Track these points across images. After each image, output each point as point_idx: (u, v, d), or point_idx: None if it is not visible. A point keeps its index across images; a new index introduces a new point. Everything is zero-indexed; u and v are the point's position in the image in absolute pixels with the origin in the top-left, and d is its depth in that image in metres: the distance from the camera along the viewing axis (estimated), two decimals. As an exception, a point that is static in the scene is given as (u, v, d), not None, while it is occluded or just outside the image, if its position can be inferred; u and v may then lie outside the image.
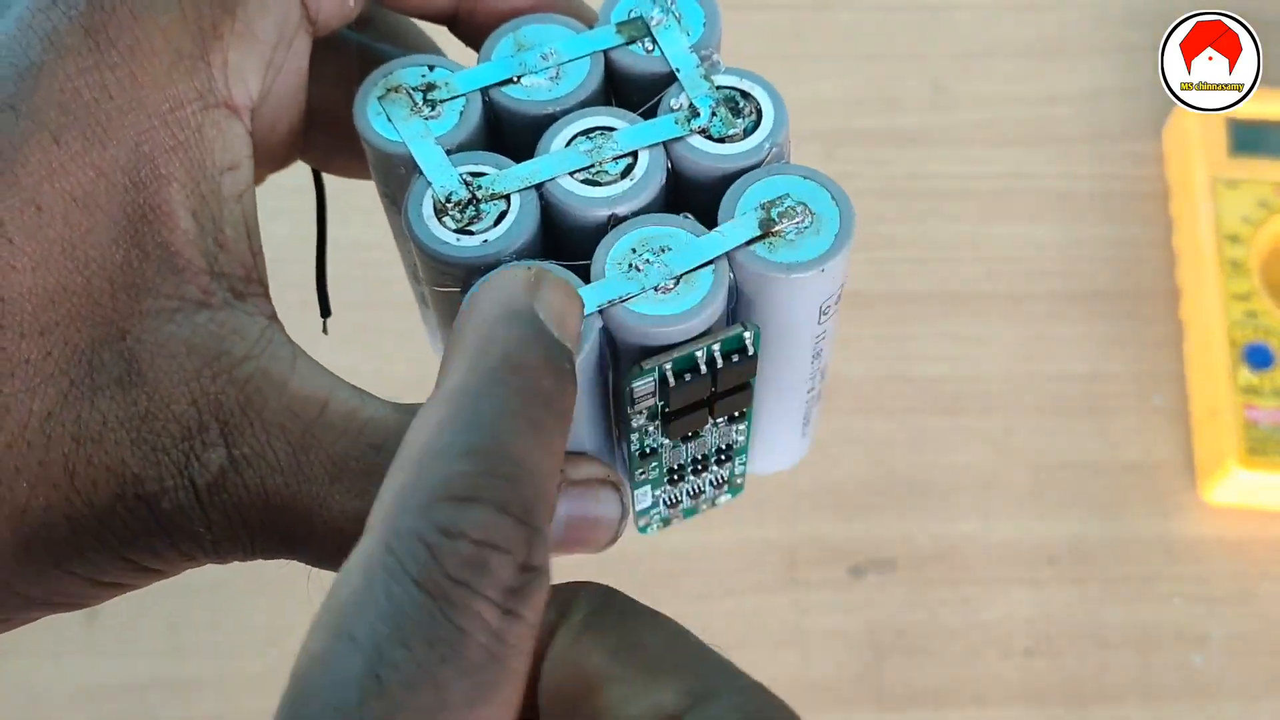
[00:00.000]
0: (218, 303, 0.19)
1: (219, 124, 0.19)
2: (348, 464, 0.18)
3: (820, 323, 0.21)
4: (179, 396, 0.18)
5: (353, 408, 0.19)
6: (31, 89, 0.17)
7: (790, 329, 0.20)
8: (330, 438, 0.18)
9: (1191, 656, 0.38)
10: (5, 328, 0.17)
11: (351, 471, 0.18)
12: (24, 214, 0.17)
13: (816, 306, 0.20)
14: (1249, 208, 0.44)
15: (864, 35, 0.50)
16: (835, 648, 0.38)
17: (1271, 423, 0.40)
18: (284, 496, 0.18)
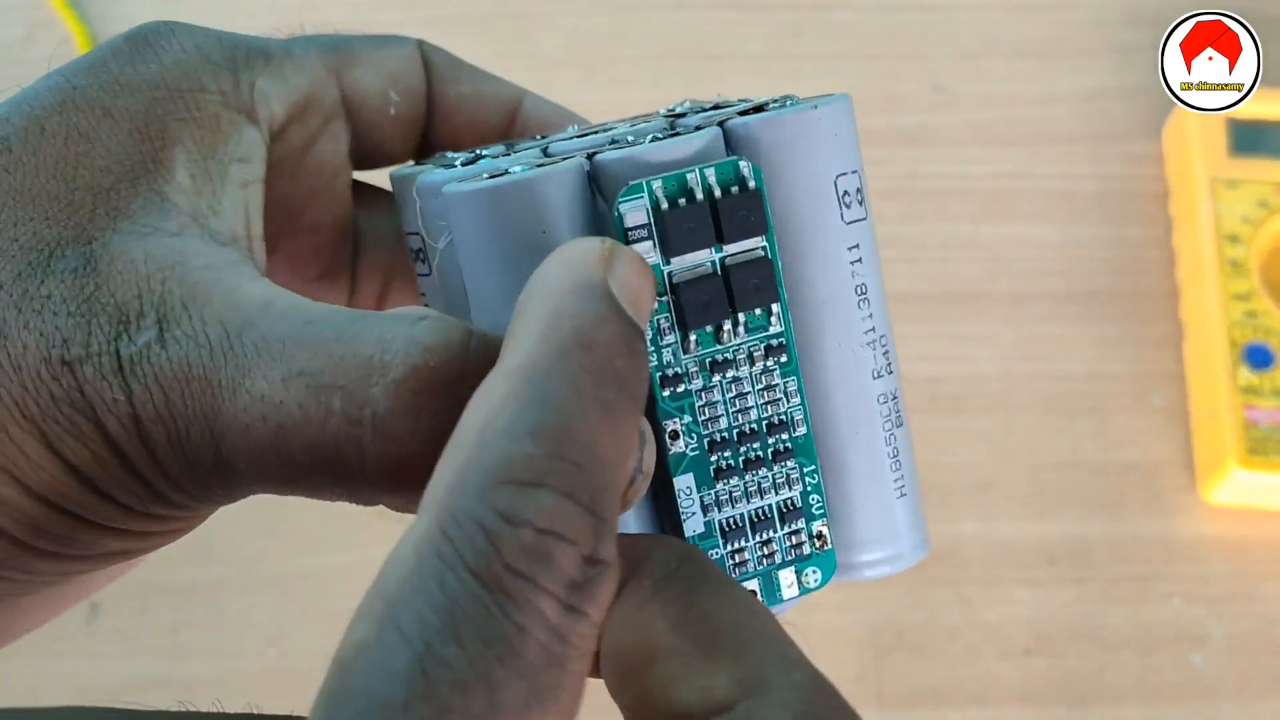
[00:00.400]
0: (192, 234, 0.19)
1: (235, 121, 0.21)
2: (278, 340, 0.17)
3: (845, 220, 0.19)
4: (126, 288, 0.18)
5: (304, 302, 0.18)
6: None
7: (807, 220, 0.19)
8: (268, 321, 0.18)
9: (1191, 656, 0.38)
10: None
11: (278, 346, 0.17)
12: (29, 133, 0.19)
13: (831, 181, 0.19)
14: (1249, 208, 0.44)
15: (864, 35, 0.50)
16: (835, 647, 0.38)
17: (1271, 423, 0.40)
18: (206, 372, 0.17)
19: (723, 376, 0.19)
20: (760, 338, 0.19)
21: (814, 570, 0.20)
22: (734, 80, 0.49)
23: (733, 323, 0.19)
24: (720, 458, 0.19)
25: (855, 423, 0.20)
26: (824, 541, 0.20)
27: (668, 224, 0.18)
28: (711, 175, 0.18)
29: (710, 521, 0.19)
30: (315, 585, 0.39)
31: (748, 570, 0.20)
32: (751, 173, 0.19)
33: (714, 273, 0.18)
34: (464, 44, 0.51)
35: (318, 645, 0.38)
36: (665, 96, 0.49)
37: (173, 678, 0.37)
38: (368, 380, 0.17)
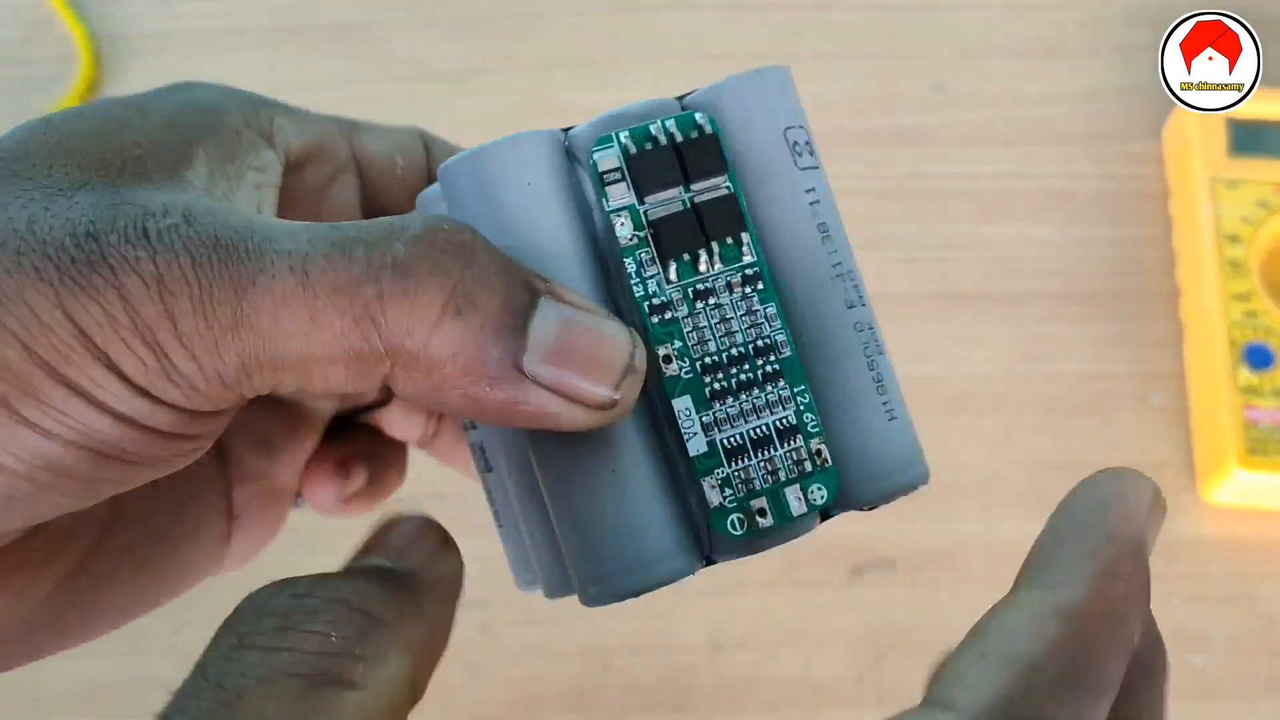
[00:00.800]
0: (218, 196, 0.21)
1: (255, 140, 0.22)
2: (306, 223, 0.19)
3: (799, 166, 0.22)
4: (153, 201, 0.19)
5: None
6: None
7: (764, 167, 0.21)
8: (294, 212, 0.20)
9: (1191, 657, 0.38)
10: (32, 162, 0.20)
11: (309, 226, 0.19)
12: (68, 115, 0.21)
13: (781, 132, 0.22)
14: (1248, 208, 0.44)
15: (864, 35, 0.50)
16: (836, 647, 0.38)
17: (1271, 423, 0.40)
18: (234, 239, 0.18)
19: (705, 304, 0.21)
20: (735, 267, 0.21)
21: (818, 487, 0.21)
22: (734, 80, 0.49)
23: (708, 253, 0.21)
24: (714, 380, 0.21)
25: (835, 351, 0.22)
26: (824, 459, 0.21)
27: (637, 165, 0.20)
28: (672, 125, 0.21)
29: (712, 441, 0.20)
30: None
31: (755, 489, 0.21)
32: (707, 121, 0.21)
33: (685, 208, 0.21)
34: (464, 44, 0.51)
35: (318, 645, 0.38)
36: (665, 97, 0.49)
37: (173, 678, 0.37)
38: (389, 237, 0.18)
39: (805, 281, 0.22)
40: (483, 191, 0.20)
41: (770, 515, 0.21)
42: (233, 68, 0.49)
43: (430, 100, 0.48)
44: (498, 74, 0.49)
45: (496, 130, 0.46)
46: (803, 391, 0.21)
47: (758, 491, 0.21)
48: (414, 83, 0.49)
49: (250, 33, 0.50)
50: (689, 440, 0.20)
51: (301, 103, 0.51)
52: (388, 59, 0.49)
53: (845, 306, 0.22)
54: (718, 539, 0.21)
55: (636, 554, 0.20)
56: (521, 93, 0.49)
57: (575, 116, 0.51)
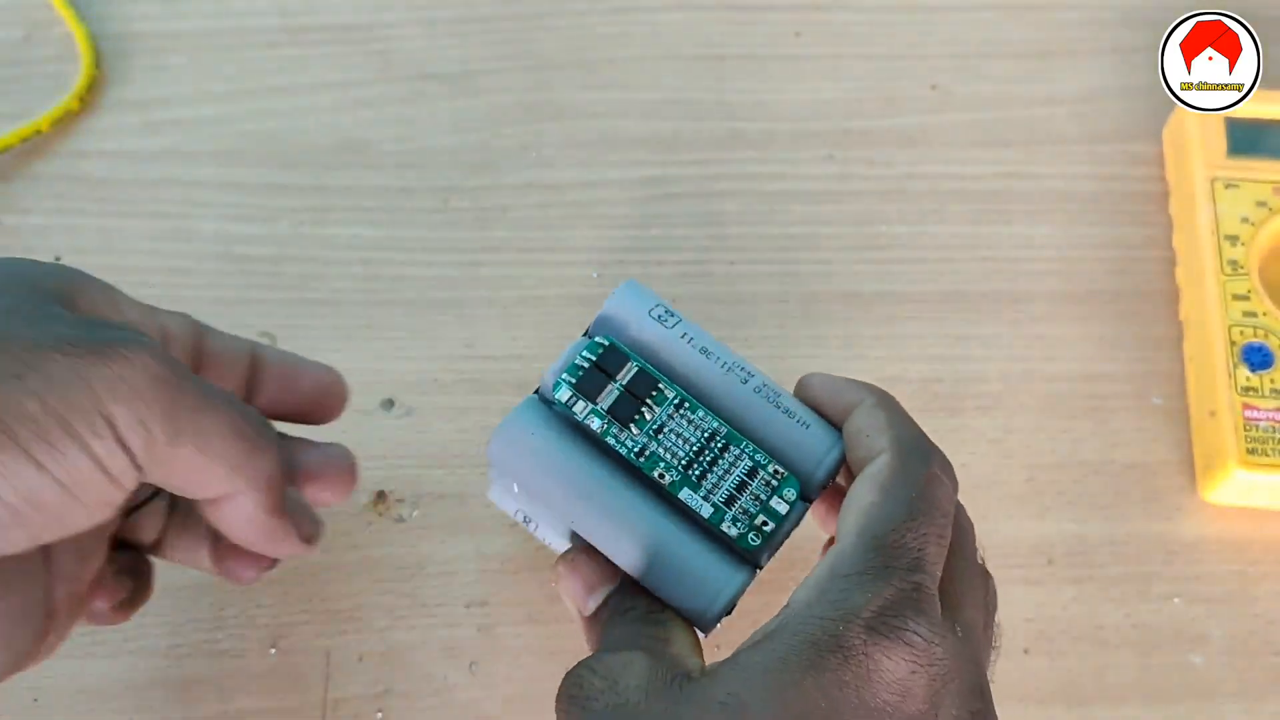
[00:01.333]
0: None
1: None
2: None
3: (667, 327, 0.34)
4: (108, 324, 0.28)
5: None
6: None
7: (653, 340, 0.34)
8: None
9: (1191, 656, 0.38)
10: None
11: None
12: None
13: (647, 316, 0.34)
14: (1248, 208, 0.44)
15: (864, 35, 0.51)
16: (835, 647, 0.38)
17: (1271, 423, 0.40)
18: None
19: (663, 434, 0.32)
20: (668, 405, 0.33)
21: (787, 490, 0.32)
22: (734, 80, 0.49)
23: (647, 408, 0.32)
24: (692, 470, 0.32)
25: (752, 411, 0.33)
26: (781, 473, 0.32)
27: (580, 387, 0.32)
28: (587, 351, 0.33)
29: (713, 503, 0.32)
30: (314, 585, 0.39)
31: (751, 513, 0.32)
32: (604, 338, 0.33)
33: (621, 392, 0.32)
34: (464, 44, 0.51)
35: (317, 645, 0.38)
36: (665, 98, 0.50)
37: (173, 678, 0.37)
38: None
39: (711, 385, 0.33)
40: (516, 452, 0.32)
41: (770, 522, 0.32)
42: (234, 68, 0.49)
43: (430, 100, 0.48)
44: (498, 74, 0.49)
45: (496, 129, 0.46)
46: (747, 445, 0.32)
47: (754, 513, 0.32)
48: (414, 83, 0.49)
49: (251, 33, 0.50)
50: (700, 510, 0.32)
51: (302, 102, 0.51)
52: (388, 59, 0.49)
53: (741, 384, 0.33)
54: (747, 552, 0.32)
55: (715, 583, 0.32)
56: (521, 93, 0.49)
57: (575, 116, 0.51)
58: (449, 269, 0.45)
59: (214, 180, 0.46)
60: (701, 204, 0.46)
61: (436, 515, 0.40)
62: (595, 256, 0.45)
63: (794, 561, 0.40)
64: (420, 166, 0.47)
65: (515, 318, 0.44)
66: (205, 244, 0.45)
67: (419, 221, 0.46)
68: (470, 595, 0.39)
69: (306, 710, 0.37)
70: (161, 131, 0.47)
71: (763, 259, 0.45)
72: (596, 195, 0.47)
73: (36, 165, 0.47)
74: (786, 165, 0.47)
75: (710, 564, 0.32)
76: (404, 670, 0.38)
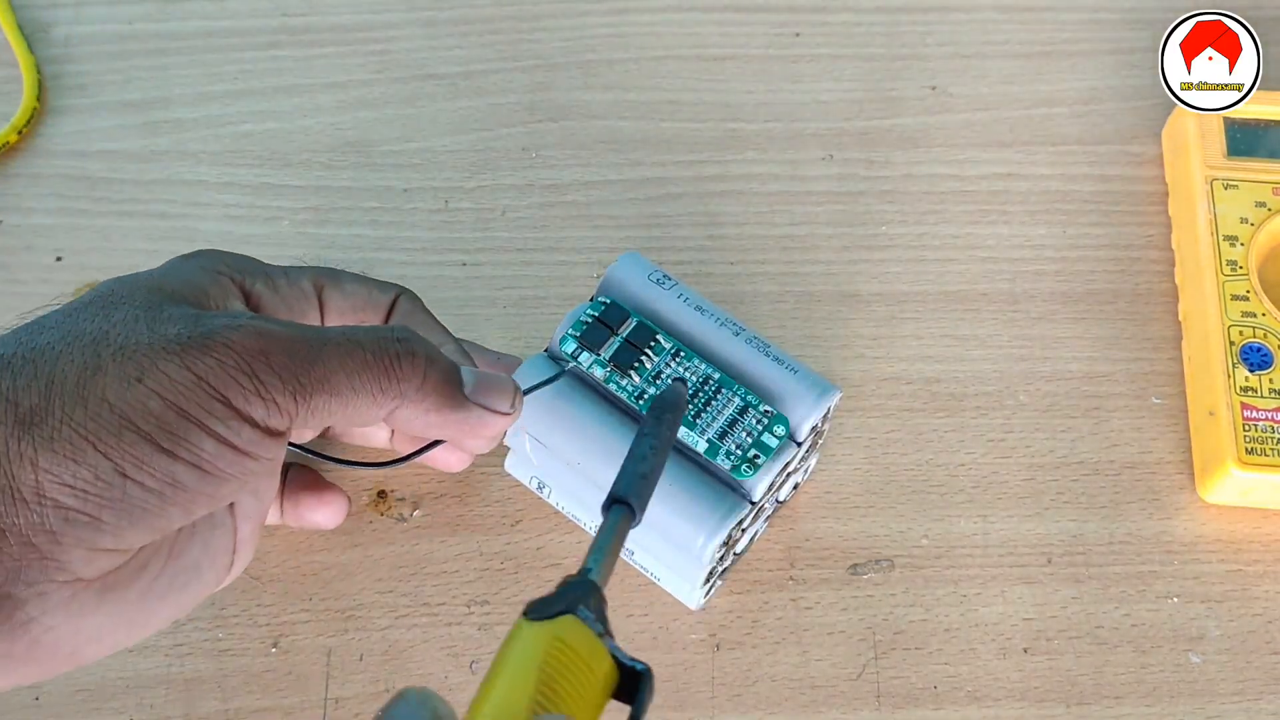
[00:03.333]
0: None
1: (232, 292, 0.35)
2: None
3: (665, 289, 0.38)
4: (219, 313, 0.31)
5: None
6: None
7: (653, 299, 0.38)
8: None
9: (1189, 655, 0.39)
10: (119, 296, 0.31)
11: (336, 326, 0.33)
12: (127, 276, 0.32)
13: (647, 279, 0.38)
14: (1247, 208, 0.44)
15: (864, 36, 0.51)
16: (834, 646, 0.38)
17: (1269, 423, 0.40)
18: (294, 323, 0.31)
19: (660, 379, 0.36)
20: (665, 354, 0.36)
21: (777, 427, 0.35)
22: (734, 80, 0.49)
23: (646, 357, 0.36)
24: (689, 411, 0.35)
25: (744, 360, 0.36)
26: (770, 412, 0.35)
27: (584, 339, 0.36)
28: (590, 309, 0.37)
29: (708, 438, 0.35)
30: (315, 584, 0.39)
31: (747, 446, 0.35)
32: (606, 298, 0.37)
33: (621, 343, 0.36)
34: (464, 44, 0.51)
35: (318, 644, 0.38)
36: (665, 98, 0.50)
37: (173, 677, 0.38)
38: (390, 331, 0.33)
39: (705, 337, 0.37)
40: (528, 402, 0.35)
41: (761, 455, 0.35)
42: (234, 68, 0.49)
43: (430, 100, 0.48)
44: (498, 74, 0.49)
45: (496, 129, 0.46)
46: (738, 389, 0.36)
47: (747, 447, 0.35)
48: (414, 83, 0.49)
49: (251, 33, 0.50)
50: (696, 446, 0.35)
51: (302, 102, 0.51)
52: (388, 59, 0.49)
53: (734, 335, 0.37)
54: (740, 484, 0.35)
55: (711, 508, 0.34)
56: (521, 93, 0.49)
57: (575, 116, 0.51)
58: (449, 269, 0.45)
59: (214, 180, 0.46)
60: (701, 204, 0.46)
61: (437, 515, 0.40)
62: (595, 256, 0.45)
63: (794, 561, 0.40)
64: (420, 166, 0.47)
65: (515, 318, 0.44)
66: (205, 244, 0.45)
67: (419, 221, 0.46)
68: (471, 594, 0.39)
69: (307, 709, 0.37)
70: (161, 131, 0.48)
71: (762, 259, 0.45)
72: (596, 195, 0.47)
73: (37, 165, 0.47)
74: (786, 165, 0.47)
75: (706, 497, 0.34)
76: (404, 669, 0.38)
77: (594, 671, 0.26)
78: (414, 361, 0.31)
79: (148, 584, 0.30)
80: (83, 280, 0.44)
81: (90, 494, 0.27)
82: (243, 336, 0.29)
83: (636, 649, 0.38)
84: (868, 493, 0.41)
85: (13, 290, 0.44)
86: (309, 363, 0.29)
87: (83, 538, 0.27)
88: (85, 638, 0.29)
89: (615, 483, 0.31)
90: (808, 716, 0.37)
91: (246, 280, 0.33)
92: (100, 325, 0.29)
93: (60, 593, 0.27)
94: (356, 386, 0.30)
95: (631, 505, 0.31)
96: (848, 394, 0.42)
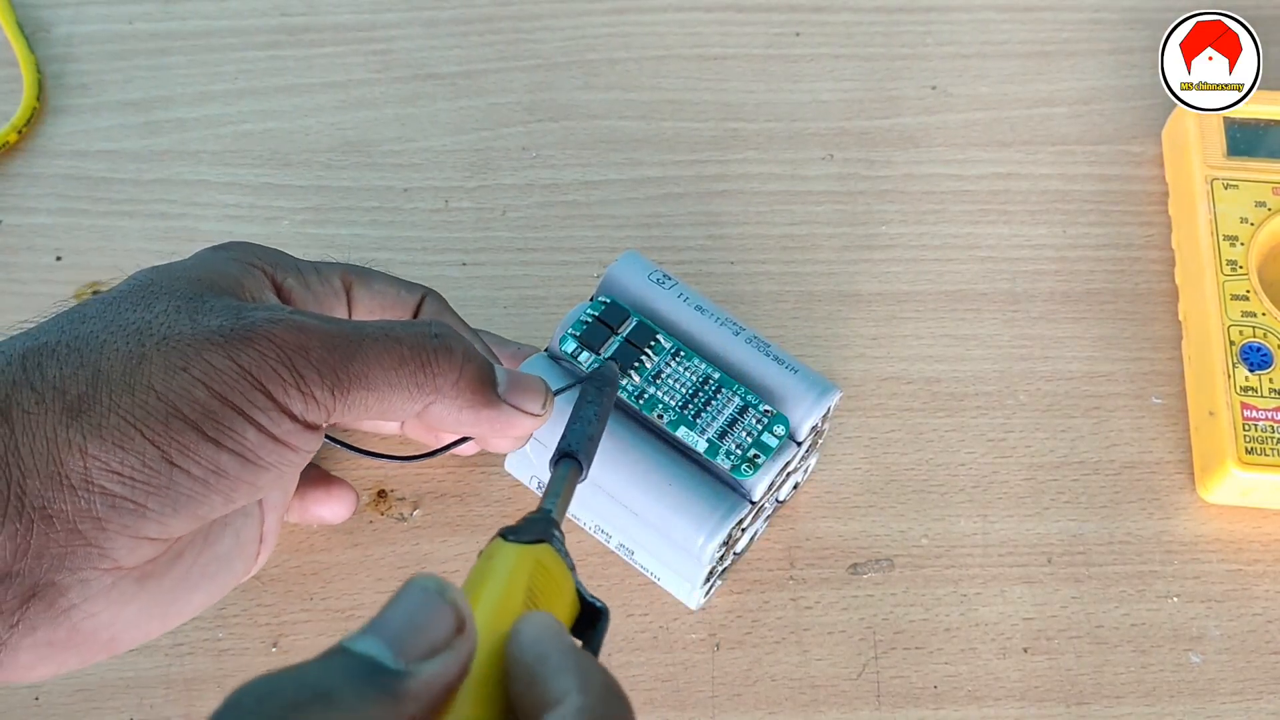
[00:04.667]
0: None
1: (265, 284, 0.34)
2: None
3: (665, 288, 0.38)
4: (257, 305, 0.31)
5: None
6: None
7: (653, 298, 0.38)
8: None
9: (1189, 655, 0.39)
10: (159, 286, 0.31)
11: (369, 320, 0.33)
12: (164, 265, 0.33)
13: (647, 279, 0.38)
14: (1247, 208, 0.44)
15: (864, 35, 0.51)
16: (834, 645, 0.38)
17: (1269, 423, 0.40)
18: (333, 319, 0.31)
19: (661, 379, 0.36)
20: (665, 353, 0.36)
21: (777, 426, 0.35)
22: (734, 80, 0.49)
23: (646, 356, 0.36)
24: (689, 410, 0.35)
25: (744, 360, 0.36)
26: (771, 411, 0.35)
27: (584, 339, 0.36)
28: (590, 309, 0.37)
29: (708, 438, 0.35)
30: (316, 584, 0.39)
31: (746, 446, 0.35)
32: (606, 297, 0.37)
33: (621, 342, 0.36)
34: (464, 43, 0.51)
35: (318, 644, 0.38)
36: (665, 98, 0.50)
37: (173, 677, 0.38)
38: (428, 326, 0.32)
39: (705, 337, 0.37)
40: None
41: (761, 455, 0.35)
42: (234, 68, 0.49)
43: (430, 100, 0.48)
44: (498, 74, 0.49)
45: (496, 129, 0.46)
46: (738, 388, 0.36)
47: (747, 447, 0.35)
48: (414, 83, 0.49)
49: (251, 33, 0.50)
50: (696, 446, 0.35)
51: (302, 102, 0.51)
52: (388, 59, 0.49)
53: (734, 335, 0.37)
54: (740, 483, 0.35)
55: (711, 507, 0.34)
56: (521, 93, 0.49)
57: (575, 116, 0.51)
58: (449, 269, 0.45)
59: (214, 180, 0.46)
60: (701, 204, 0.46)
61: (437, 514, 0.40)
62: (595, 256, 0.45)
63: (794, 560, 0.40)
64: (420, 166, 0.47)
65: (515, 317, 0.44)
66: (205, 244, 0.45)
67: (419, 221, 0.46)
68: (470, 594, 0.39)
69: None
70: (161, 131, 0.48)
71: (762, 259, 0.45)
72: (596, 195, 0.47)
73: (37, 165, 0.47)
74: (786, 165, 0.47)
75: (707, 496, 0.34)
76: (404, 669, 0.38)
77: (563, 599, 0.26)
78: (451, 357, 0.31)
79: (183, 573, 0.30)
80: (83, 280, 0.44)
81: (138, 481, 0.27)
82: (284, 330, 0.29)
83: (636, 648, 0.38)
84: (868, 492, 0.41)
85: (13, 290, 0.44)
86: (347, 357, 0.30)
87: (128, 525, 0.27)
88: (123, 625, 0.29)
89: (563, 438, 0.32)
90: (808, 716, 0.37)
91: (278, 273, 0.33)
92: (143, 315, 0.29)
93: (102, 580, 0.28)
94: (394, 382, 0.30)
95: (579, 459, 0.31)
96: (848, 394, 0.42)
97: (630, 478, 0.34)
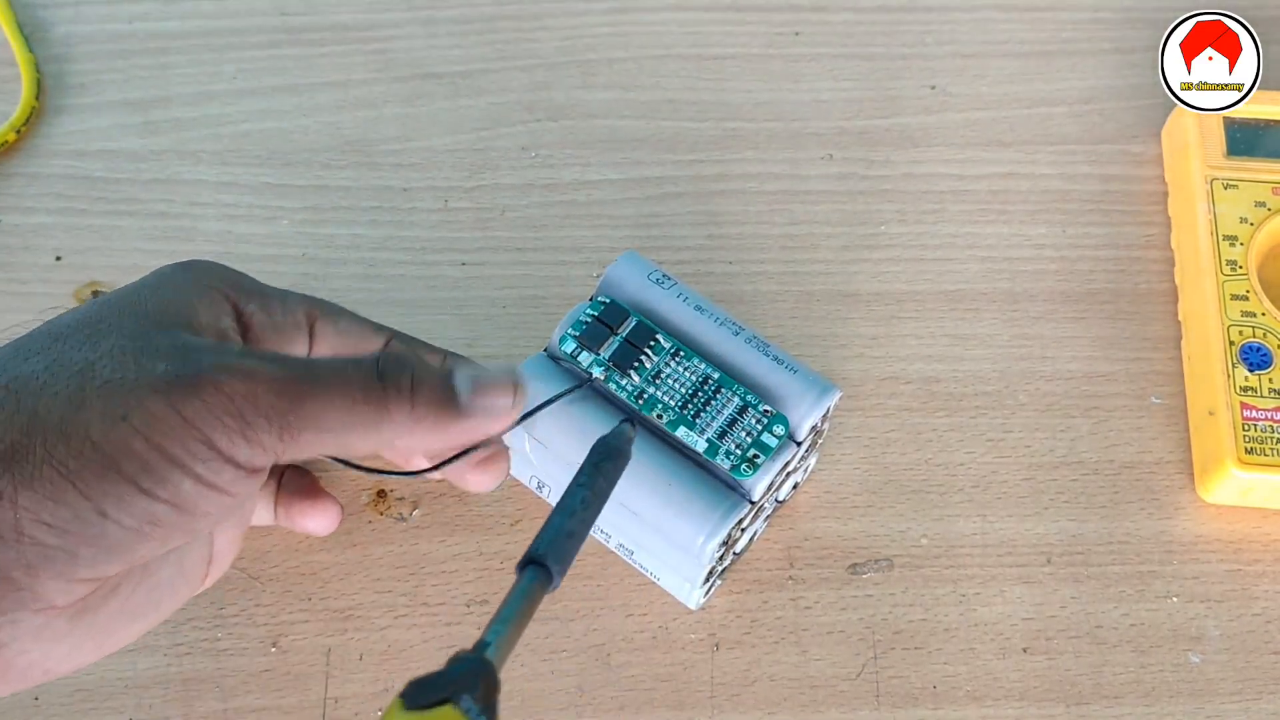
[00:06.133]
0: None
1: (223, 307, 0.33)
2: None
3: (664, 289, 0.38)
4: (208, 343, 0.30)
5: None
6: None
7: (653, 299, 0.38)
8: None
9: (1188, 655, 0.39)
10: (105, 322, 0.30)
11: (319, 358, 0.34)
12: (112, 293, 0.32)
13: (646, 279, 0.38)
14: (1246, 208, 0.44)
15: (864, 35, 0.51)
16: (833, 646, 0.38)
17: (1269, 423, 0.40)
18: (288, 360, 0.30)
19: (661, 379, 0.36)
20: (665, 353, 0.36)
21: (776, 426, 0.35)
22: (734, 80, 0.49)
23: (645, 356, 0.36)
24: (688, 410, 0.35)
25: (744, 360, 0.36)
26: (770, 411, 0.35)
27: (583, 339, 0.36)
28: (589, 309, 0.37)
29: (708, 438, 0.35)
30: (315, 584, 0.39)
31: (746, 446, 0.35)
32: (605, 298, 0.37)
33: (621, 342, 0.36)
34: (464, 43, 0.51)
35: (317, 644, 0.38)
36: (665, 98, 0.50)
37: (172, 678, 0.38)
38: (370, 362, 0.31)
39: (705, 337, 0.37)
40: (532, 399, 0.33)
41: (761, 455, 0.35)
42: (234, 68, 0.49)
43: (430, 100, 0.48)
44: (498, 74, 0.49)
45: (496, 129, 0.46)
46: (738, 388, 0.36)
47: (747, 447, 0.35)
48: (414, 82, 0.49)
49: (251, 33, 0.50)
50: (695, 445, 0.35)
51: (302, 102, 0.51)
52: (388, 59, 0.49)
53: (733, 335, 0.37)
54: (739, 483, 0.35)
55: (711, 507, 0.34)
56: (521, 93, 0.49)
57: (575, 116, 0.51)
58: (449, 269, 0.45)
59: (213, 180, 0.46)
60: (701, 204, 0.46)
61: (437, 514, 0.40)
62: (595, 256, 0.45)
63: (793, 560, 0.40)
64: (420, 166, 0.47)
65: (515, 318, 0.44)
66: (205, 244, 0.45)
67: (419, 221, 0.46)
68: (470, 594, 0.39)
69: (306, 709, 0.37)
70: (161, 131, 0.48)
71: (762, 259, 0.45)
72: (596, 195, 0.47)
73: (37, 164, 0.47)
74: (786, 165, 0.47)
75: (706, 496, 0.34)
76: (404, 669, 0.38)
77: None
78: (399, 390, 0.30)
79: (119, 605, 0.30)
80: (83, 280, 0.44)
81: (70, 531, 0.27)
82: (231, 377, 0.28)
83: (636, 648, 0.38)
84: (867, 492, 0.41)
85: (13, 290, 0.44)
86: (297, 401, 0.29)
87: (60, 570, 0.27)
88: (56, 659, 0.29)
89: (536, 539, 0.29)
90: (807, 716, 0.37)
91: (241, 299, 0.33)
92: (87, 355, 0.28)
93: (33, 620, 0.28)
94: (347, 423, 0.29)
95: (549, 568, 0.28)
96: (847, 394, 0.42)
97: (630, 478, 0.34)
